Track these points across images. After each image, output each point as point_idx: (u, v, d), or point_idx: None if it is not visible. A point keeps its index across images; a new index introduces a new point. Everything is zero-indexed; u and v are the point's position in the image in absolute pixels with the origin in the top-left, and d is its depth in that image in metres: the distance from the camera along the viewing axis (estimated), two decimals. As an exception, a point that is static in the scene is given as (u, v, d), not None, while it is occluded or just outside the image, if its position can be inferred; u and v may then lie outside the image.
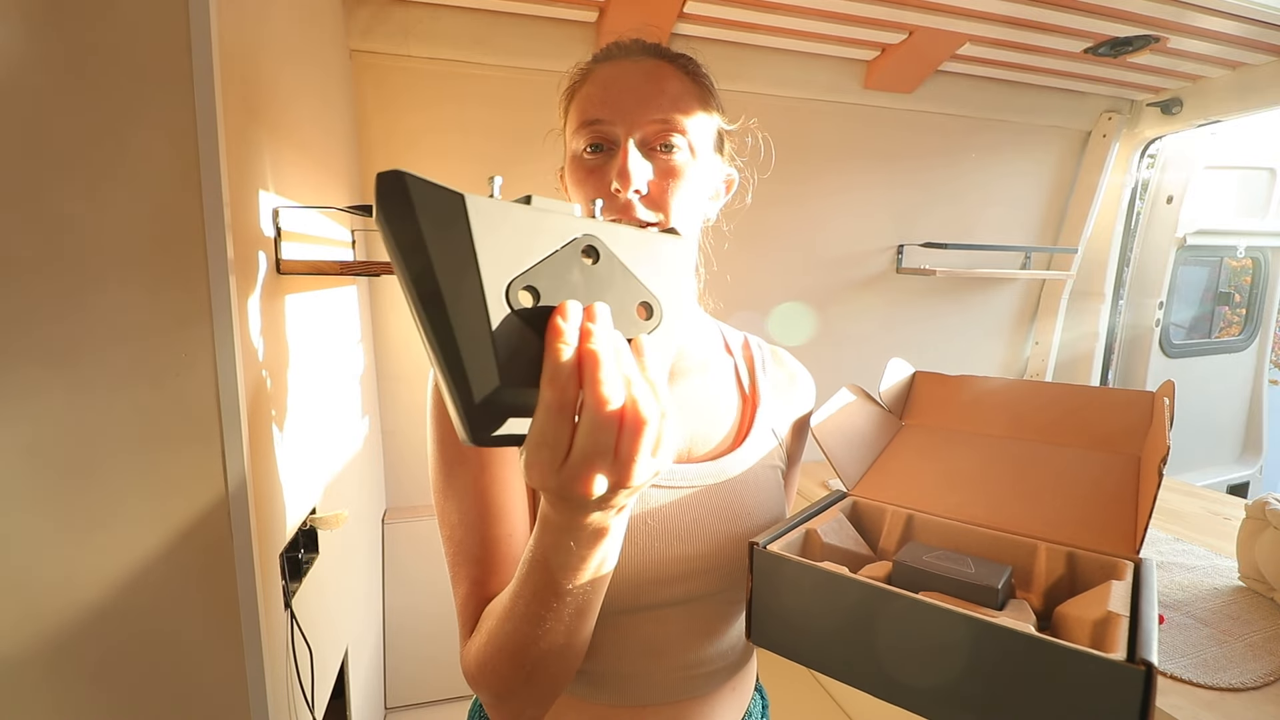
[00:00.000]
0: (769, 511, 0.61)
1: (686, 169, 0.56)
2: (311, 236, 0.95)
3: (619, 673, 0.57)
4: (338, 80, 1.24)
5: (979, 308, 2.12)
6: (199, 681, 0.66)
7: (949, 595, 0.48)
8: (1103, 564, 0.51)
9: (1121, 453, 0.61)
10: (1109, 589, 0.46)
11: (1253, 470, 2.88)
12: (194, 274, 0.61)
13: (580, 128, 0.56)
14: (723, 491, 0.59)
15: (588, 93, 0.57)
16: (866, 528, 0.64)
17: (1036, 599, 0.53)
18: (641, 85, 0.56)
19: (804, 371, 0.73)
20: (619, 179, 0.53)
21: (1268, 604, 1.01)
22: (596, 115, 0.55)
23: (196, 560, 0.64)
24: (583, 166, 0.57)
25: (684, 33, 1.49)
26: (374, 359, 1.53)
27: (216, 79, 0.60)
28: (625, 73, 0.56)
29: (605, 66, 0.58)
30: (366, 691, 1.38)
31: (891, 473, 0.69)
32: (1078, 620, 0.46)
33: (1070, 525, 0.56)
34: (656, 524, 0.55)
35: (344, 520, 0.91)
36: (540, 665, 0.44)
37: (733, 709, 0.62)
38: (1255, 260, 2.75)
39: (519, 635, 0.42)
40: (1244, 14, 1.33)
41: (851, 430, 0.70)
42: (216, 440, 0.63)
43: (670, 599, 0.56)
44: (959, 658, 0.43)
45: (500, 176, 0.32)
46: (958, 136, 1.89)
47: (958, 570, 0.50)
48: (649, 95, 0.55)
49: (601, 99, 0.56)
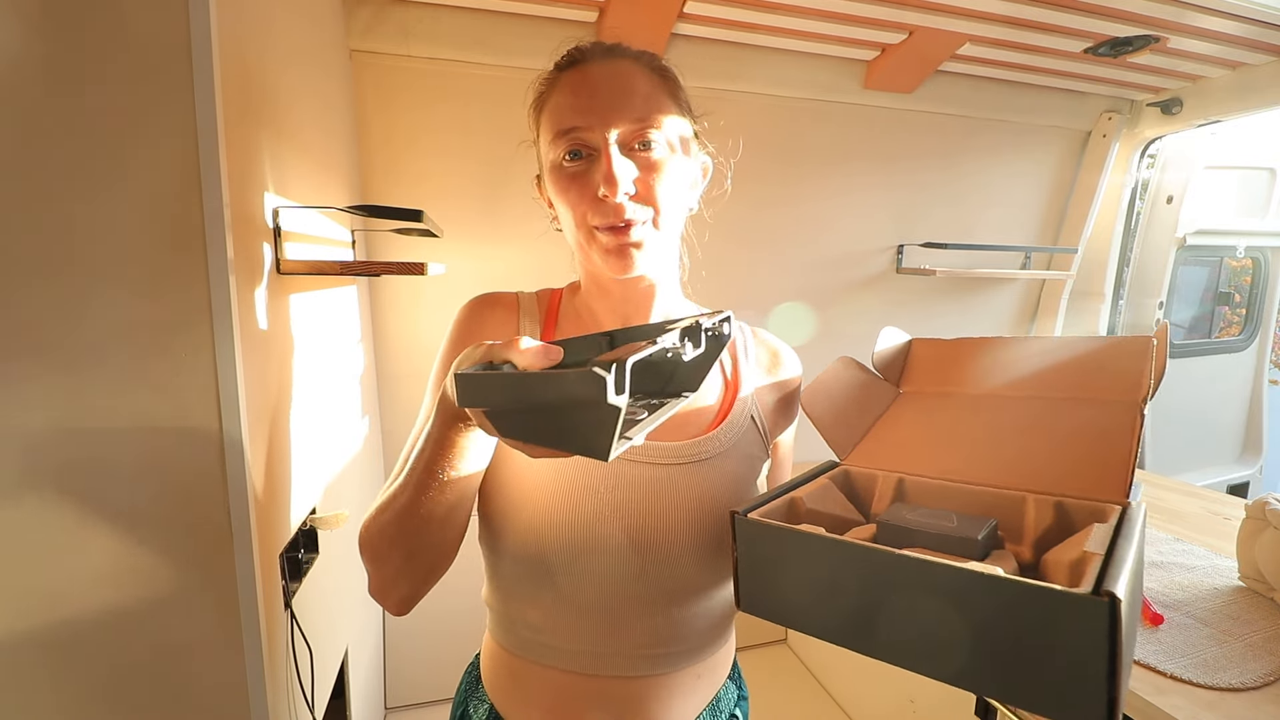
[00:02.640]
0: (739, 494, 0.62)
1: (668, 162, 0.58)
2: (312, 236, 0.95)
3: (577, 641, 0.59)
4: (338, 80, 1.24)
5: (979, 308, 2.12)
6: (199, 681, 0.66)
7: (931, 550, 0.49)
8: (1091, 509, 0.51)
9: (1122, 400, 0.60)
10: (1090, 531, 0.46)
11: (1253, 470, 2.88)
12: (194, 274, 0.61)
13: (557, 137, 0.57)
14: (691, 472, 0.60)
15: (558, 101, 0.58)
16: (859, 494, 0.64)
17: (1027, 550, 0.53)
18: (612, 87, 0.57)
19: (786, 348, 0.74)
20: (606, 184, 0.55)
21: (1268, 604, 1.01)
22: (572, 123, 0.56)
23: (196, 560, 0.64)
24: (564, 175, 0.57)
25: (684, 33, 1.49)
26: (374, 359, 1.53)
27: (216, 79, 0.60)
28: (593, 77, 0.57)
29: (571, 74, 0.59)
30: (366, 691, 1.38)
31: (885, 441, 0.68)
32: (1058, 564, 0.47)
33: (1065, 476, 0.56)
34: (617, 495, 0.57)
35: (344, 520, 0.91)
36: (413, 534, 0.51)
37: (696, 694, 0.63)
38: (1255, 260, 2.76)
39: (401, 499, 0.50)
40: (1244, 14, 1.33)
41: (843, 400, 0.69)
42: (216, 440, 0.63)
43: (629, 570, 0.57)
44: (932, 606, 0.43)
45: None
46: (958, 137, 1.89)
47: (939, 525, 0.51)
48: (621, 96, 0.56)
49: (574, 106, 0.56)
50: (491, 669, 0.65)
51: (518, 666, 0.62)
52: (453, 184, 1.50)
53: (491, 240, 1.55)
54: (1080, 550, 0.44)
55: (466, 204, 1.51)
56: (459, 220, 1.49)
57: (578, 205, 0.57)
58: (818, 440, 0.68)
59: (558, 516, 0.56)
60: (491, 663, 0.65)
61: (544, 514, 0.56)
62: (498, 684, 0.64)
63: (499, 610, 0.63)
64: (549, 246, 1.59)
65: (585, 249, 0.60)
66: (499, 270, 1.57)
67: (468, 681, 0.69)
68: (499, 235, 1.55)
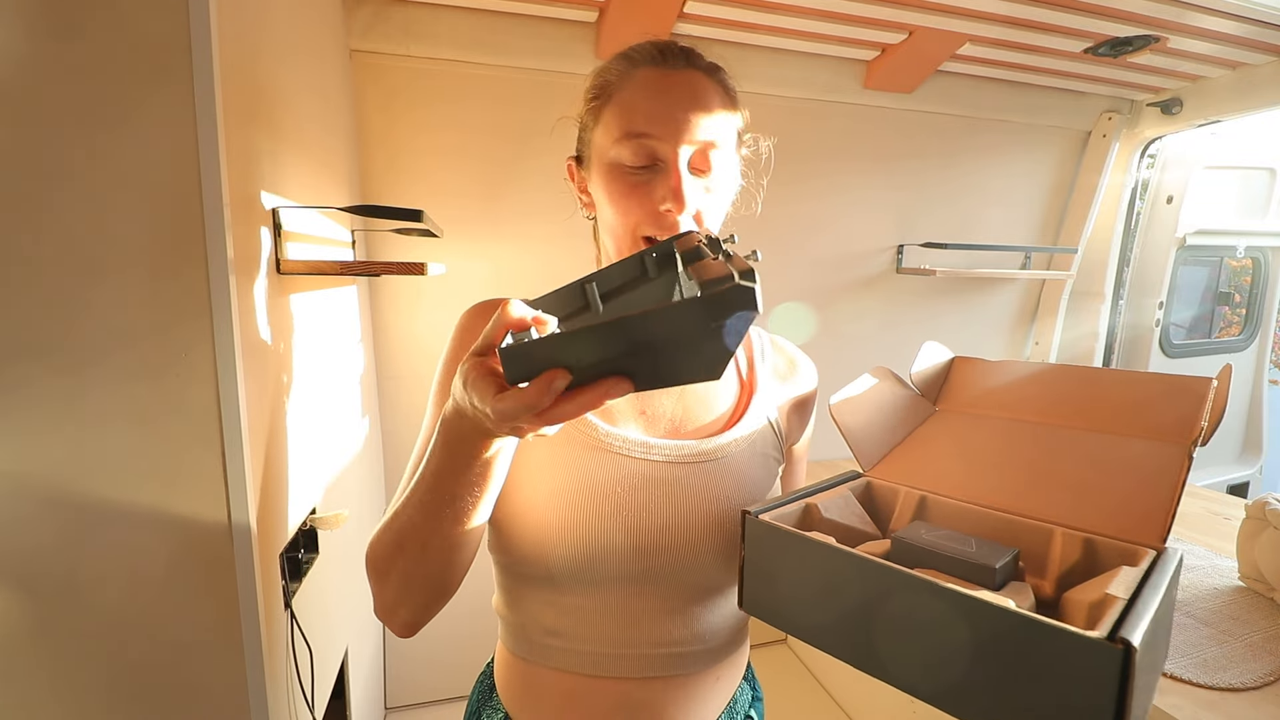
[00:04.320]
0: (755, 496, 0.61)
1: (726, 187, 0.59)
2: (311, 236, 0.95)
3: (592, 643, 0.58)
4: (338, 80, 1.24)
5: (979, 308, 2.12)
6: (199, 681, 0.66)
7: (945, 574, 0.47)
8: (1122, 551, 0.49)
9: (1170, 441, 0.56)
10: (1117, 574, 0.44)
11: (1253, 470, 2.87)
12: (194, 274, 0.61)
13: (625, 137, 0.55)
14: (706, 471, 0.59)
15: (631, 100, 0.56)
16: (879, 508, 0.63)
17: (1049, 584, 0.50)
18: (689, 102, 0.55)
19: (804, 358, 0.73)
20: (674, 202, 0.54)
21: (1268, 604, 1.01)
22: (644, 129, 0.54)
23: (196, 560, 0.64)
24: (625, 180, 0.56)
25: (684, 32, 1.49)
26: (374, 359, 1.53)
27: (216, 79, 0.60)
28: (671, 85, 0.56)
29: (648, 72, 0.56)
30: (366, 691, 1.38)
31: (913, 456, 0.66)
32: (1078, 604, 0.45)
33: (1099, 513, 0.53)
34: (631, 493, 0.56)
35: (344, 520, 0.91)
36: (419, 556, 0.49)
37: (715, 696, 0.63)
38: (1255, 260, 2.75)
39: (407, 520, 0.48)
40: (1244, 14, 1.33)
41: (874, 411, 0.68)
42: (216, 440, 0.63)
43: (641, 571, 0.56)
44: (940, 632, 0.41)
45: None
46: (958, 137, 1.89)
47: (958, 549, 0.48)
48: (697, 114, 0.55)
49: (650, 112, 0.55)
50: (506, 678, 0.64)
51: (532, 673, 0.61)
52: (453, 184, 1.50)
53: (491, 240, 1.55)
54: (1103, 592, 0.42)
55: (466, 204, 1.51)
56: (459, 220, 1.49)
57: (633, 213, 0.56)
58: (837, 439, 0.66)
59: (568, 520, 0.55)
60: (506, 672, 0.64)
61: (554, 519, 0.55)
62: (512, 692, 0.63)
63: (511, 619, 0.62)
64: (549, 246, 1.59)
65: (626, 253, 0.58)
66: (499, 270, 1.57)
67: (480, 690, 0.68)
68: (499, 235, 1.55)
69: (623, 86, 0.57)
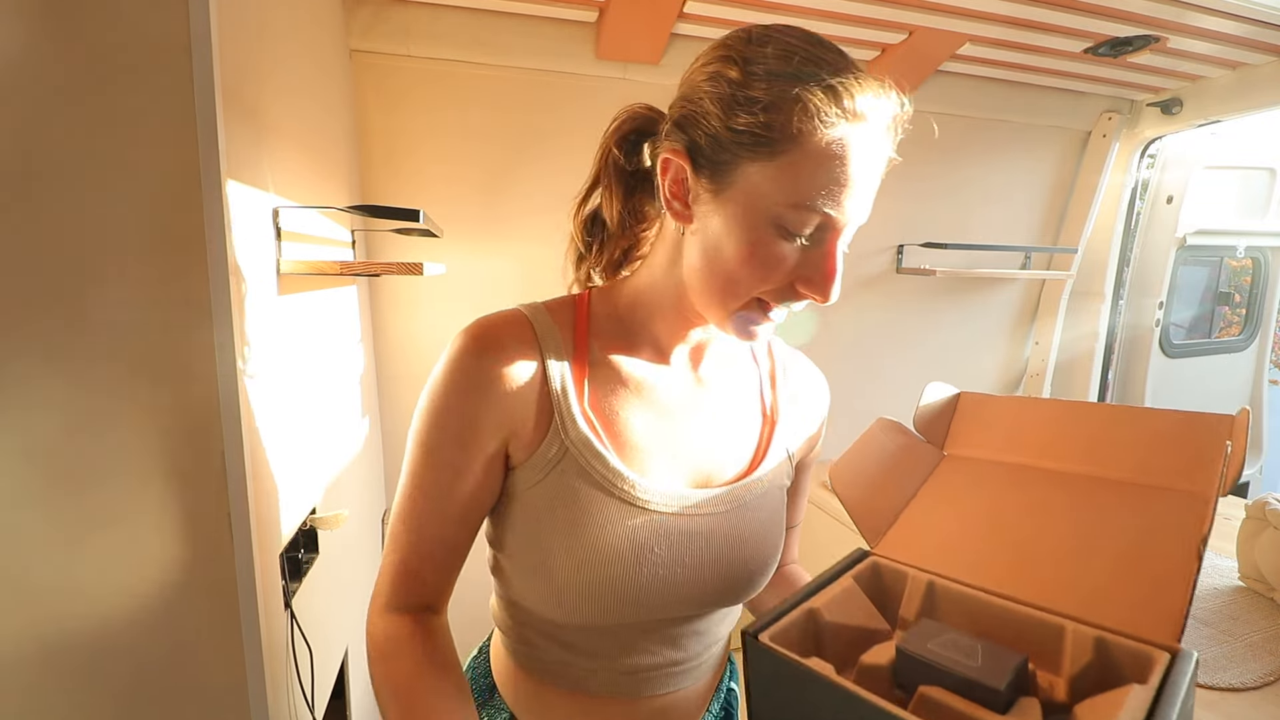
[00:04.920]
0: (771, 534, 0.61)
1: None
2: (311, 236, 0.95)
3: (598, 671, 0.59)
4: (338, 80, 1.24)
5: (979, 308, 2.12)
6: (199, 681, 0.66)
7: (951, 691, 0.46)
8: (1134, 654, 0.46)
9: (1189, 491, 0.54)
10: (1128, 694, 0.42)
11: (1253, 470, 2.87)
12: (194, 274, 0.61)
13: (800, 209, 0.47)
14: (732, 519, 0.58)
15: (823, 169, 0.46)
16: (887, 593, 0.61)
17: (1062, 686, 0.48)
18: (871, 183, 0.49)
19: (818, 376, 0.71)
20: (822, 290, 0.50)
21: (1268, 604, 1.01)
22: (828, 210, 0.47)
23: (196, 560, 0.64)
24: (776, 248, 0.48)
25: (684, 33, 1.49)
26: (374, 359, 1.53)
27: (216, 79, 0.60)
28: (866, 162, 0.48)
29: (857, 133, 0.47)
30: (366, 691, 1.37)
31: (920, 525, 0.64)
32: None
33: (1111, 603, 0.51)
34: (667, 553, 0.54)
35: (344, 520, 0.91)
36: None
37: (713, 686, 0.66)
38: (1255, 260, 2.75)
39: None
40: (1244, 14, 1.33)
41: (877, 472, 0.65)
42: (217, 440, 0.63)
43: (667, 617, 0.57)
44: None
45: None
46: (958, 137, 1.89)
47: (963, 664, 0.47)
48: (871, 194, 0.50)
49: (835, 195, 0.47)
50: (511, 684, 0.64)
51: (534, 685, 0.61)
52: (452, 184, 1.50)
53: (491, 240, 1.55)
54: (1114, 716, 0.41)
55: (466, 204, 1.51)
56: (459, 220, 1.49)
57: (763, 281, 0.49)
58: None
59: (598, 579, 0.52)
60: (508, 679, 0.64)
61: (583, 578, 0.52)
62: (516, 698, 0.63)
63: (513, 631, 0.62)
64: (549, 246, 1.59)
65: (719, 308, 0.52)
66: (499, 270, 1.56)
67: (479, 691, 0.67)
68: (499, 235, 1.55)
69: (817, 141, 0.45)
